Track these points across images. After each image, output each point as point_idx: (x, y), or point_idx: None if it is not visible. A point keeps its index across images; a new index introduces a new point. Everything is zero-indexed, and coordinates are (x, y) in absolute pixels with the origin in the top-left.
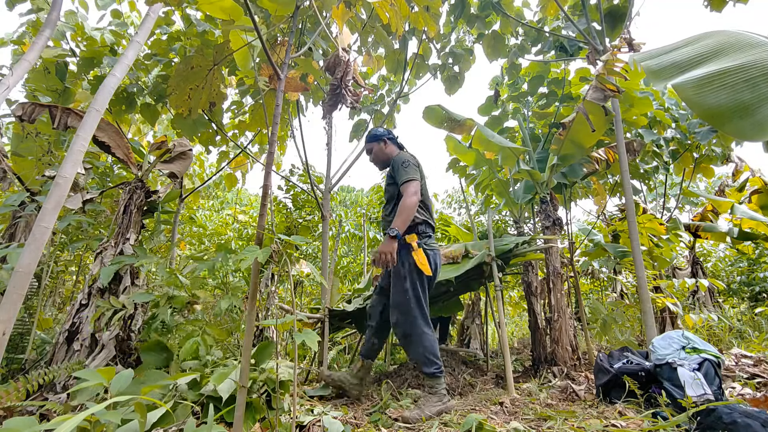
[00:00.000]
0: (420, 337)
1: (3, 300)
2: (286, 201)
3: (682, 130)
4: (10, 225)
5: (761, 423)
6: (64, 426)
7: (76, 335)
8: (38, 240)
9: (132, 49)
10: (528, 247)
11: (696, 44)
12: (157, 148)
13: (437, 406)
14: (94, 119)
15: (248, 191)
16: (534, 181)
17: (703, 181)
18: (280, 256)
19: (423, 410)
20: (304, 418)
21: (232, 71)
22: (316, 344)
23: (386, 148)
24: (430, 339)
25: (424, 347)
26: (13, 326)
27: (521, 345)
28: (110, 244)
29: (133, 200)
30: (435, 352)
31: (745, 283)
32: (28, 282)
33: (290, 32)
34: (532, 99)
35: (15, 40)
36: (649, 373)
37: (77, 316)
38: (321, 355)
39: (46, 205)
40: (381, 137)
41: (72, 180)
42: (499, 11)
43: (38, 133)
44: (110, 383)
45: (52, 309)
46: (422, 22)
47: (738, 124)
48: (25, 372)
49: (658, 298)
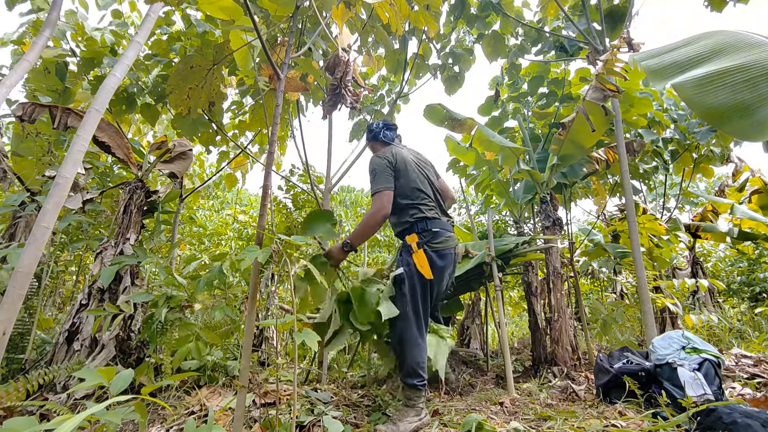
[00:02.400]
0: (411, 345)
1: (3, 300)
2: (286, 201)
3: (681, 130)
4: (10, 225)
5: (761, 423)
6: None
7: (76, 335)
8: (38, 240)
9: (132, 49)
10: (528, 247)
11: (696, 44)
12: (157, 148)
13: (413, 423)
14: (94, 119)
15: (248, 191)
16: (534, 181)
17: (703, 181)
18: (280, 256)
19: (398, 426)
20: (304, 418)
21: (232, 71)
22: (316, 344)
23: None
24: (421, 350)
25: (412, 357)
26: (13, 326)
27: (521, 345)
28: (110, 244)
29: (133, 200)
30: (422, 364)
31: (745, 283)
32: (28, 282)
33: (290, 32)
34: (532, 99)
35: (15, 40)
36: (649, 373)
37: (77, 316)
38: (321, 355)
39: (46, 205)
40: (369, 141)
41: (72, 180)
42: (499, 11)
43: (38, 133)
44: (110, 383)
45: (52, 309)
46: (422, 21)
47: (738, 124)
48: (25, 372)
49: (658, 298)
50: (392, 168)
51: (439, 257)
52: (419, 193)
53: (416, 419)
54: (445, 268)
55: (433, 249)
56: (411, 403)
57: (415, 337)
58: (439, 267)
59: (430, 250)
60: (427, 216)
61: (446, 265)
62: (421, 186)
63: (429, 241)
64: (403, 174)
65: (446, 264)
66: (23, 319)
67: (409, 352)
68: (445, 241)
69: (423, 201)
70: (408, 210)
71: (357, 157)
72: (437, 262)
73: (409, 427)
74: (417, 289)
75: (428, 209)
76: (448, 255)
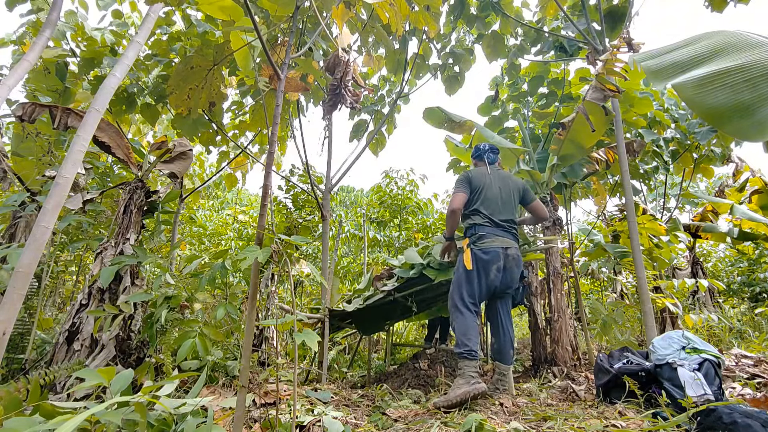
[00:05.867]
0: (455, 316)
1: (3, 300)
2: (286, 201)
3: (681, 130)
4: (10, 225)
5: (761, 423)
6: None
7: (77, 335)
8: (38, 240)
9: (132, 50)
10: (528, 248)
11: (696, 44)
12: (157, 148)
13: (462, 388)
14: (94, 119)
15: (248, 191)
16: (534, 181)
17: (704, 181)
18: (280, 256)
19: (449, 394)
20: (304, 418)
21: (232, 71)
22: (316, 344)
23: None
24: (465, 321)
25: (457, 330)
26: (13, 326)
27: (521, 345)
28: (110, 244)
29: (133, 200)
30: (467, 335)
31: (745, 283)
32: (29, 282)
33: (290, 32)
34: (532, 99)
35: (15, 41)
36: (649, 373)
37: (77, 316)
38: (321, 355)
39: (46, 205)
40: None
41: (72, 180)
42: (499, 11)
43: (38, 133)
44: (110, 383)
45: (52, 309)
46: (422, 21)
47: (738, 124)
48: (25, 372)
49: (658, 298)
50: (468, 181)
51: (482, 254)
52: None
53: (465, 385)
54: (489, 262)
55: (478, 248)
56: (461, 372)
57: (460, 312)
58: (482, 261)
59: (475, 248)
60: (477, 223)
61: (489, 259)
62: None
63: (475, 242)
64: (473, 190)
65: (489, 258)
66: (23, 319)
67: (455, 327)
68: (487, 242)
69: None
70: (467, 218)
71: (357, 157)
72: (481, 257)
73: (458, 392)
74: (463, 275)
75: (481, 218)
76: (493, 252)
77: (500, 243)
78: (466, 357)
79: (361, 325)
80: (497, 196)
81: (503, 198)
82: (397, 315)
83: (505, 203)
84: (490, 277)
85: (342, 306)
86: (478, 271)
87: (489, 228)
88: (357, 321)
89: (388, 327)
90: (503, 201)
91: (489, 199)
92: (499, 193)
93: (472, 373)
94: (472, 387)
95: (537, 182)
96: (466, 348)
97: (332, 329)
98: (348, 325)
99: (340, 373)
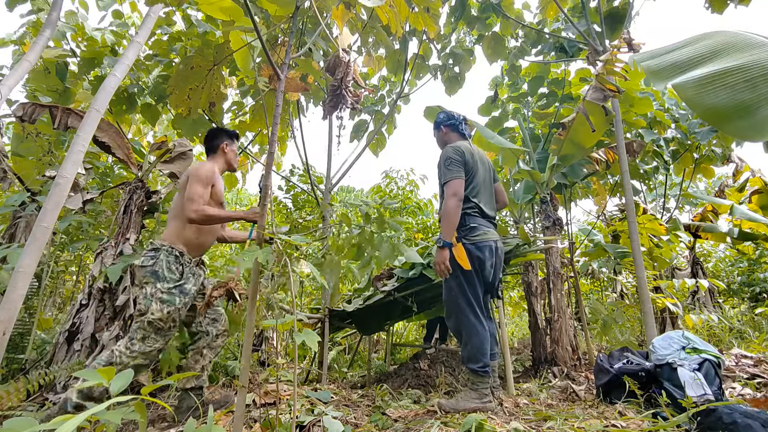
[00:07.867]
0: (470, 333)
1: (3, 300)
2: (286, 201)
3: (682, 131)
4: (11, 225)
5: (761, 423)
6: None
7: (77, 335)
8: (38, 240)
9: (132, 50)
10: (528, 248)
11: (696, 44)
12: (158, 148)
13: (474, 403)
14: (94, 119)
15: (248, 191)
16: (534, 181)
17: (703, 181)
18: (281, 256)
19: (459, 403)
20: (304, 418)
21: (232, 72)
22: (316, 344)
23: (445, 136)
24: (480, 337)
25: (472, 344)
26: (13, 326)
27: (521, 345)
28: (110, 244)
29: (133, 200)
30: (483, 350)
31: (745, 283)
32: (29, 282)
33: (290, 33)
34: (532, 99)
35: (15, 41)
36: (649, 373)
37: (77, 316)
38: (321, 355)
39: (46, 205)
40: (439, 125)
41: (72, 180)
42: (500, 13)
43: (39, 133)
44: (110, 383)
45: (52, 309)
46: (422, 22)
47: (738, 124)
48: (25, 372)
49: (658, 298)
50: (463, 162)
51: (478, 248)
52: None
53: (477, 401)
54: (485, 258)
55: (471, 241)
56: (474, 386)
57: (472, 324)
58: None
59: (468, 242)
60: (467, 212)
61: (487, 254)
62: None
63: (467, 234)
64: (467, 172)
65: (487, 253)
66: (23, 319)
67: (469, 339)
68: (481, 233)
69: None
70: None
71: (357, 158)
72: (477, 252)
73: (469, 405)
74: (461, 279)
75: (474, 204)
76: (487, 245)
77: (492, 236)
78: (481, 374)
79: (361, 325)
80: (483, 179)
81: (486, 182)
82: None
83: (488, 188)
84: (485, 274)
85: (342, 306)
86: (476, 269)
87: (479, 219)
88: (357, 321)
89: (388, 327)
90: (487, 186)
91: (479, 184)
92: (484, 176)
93: (485, 390)
94: (484, 404)
95: (537, 182)
96: (483, 364)
97: (332, 329)
98: (348, 325)
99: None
